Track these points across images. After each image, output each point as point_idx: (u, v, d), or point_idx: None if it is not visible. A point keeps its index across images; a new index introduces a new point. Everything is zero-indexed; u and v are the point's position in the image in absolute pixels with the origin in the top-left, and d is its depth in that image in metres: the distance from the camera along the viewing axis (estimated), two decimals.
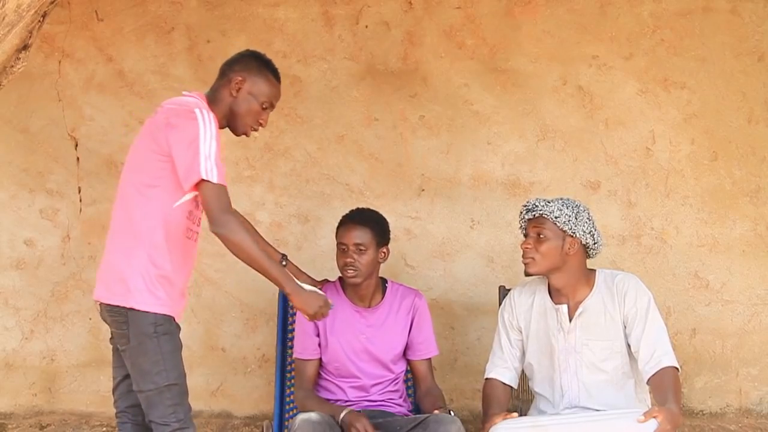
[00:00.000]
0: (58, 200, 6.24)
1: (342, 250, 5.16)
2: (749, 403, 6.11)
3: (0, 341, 6.12)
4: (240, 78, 4.62)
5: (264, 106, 4.66)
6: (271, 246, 5.24)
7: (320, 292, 4.55)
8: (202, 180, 4.30)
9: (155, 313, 4.41)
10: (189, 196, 4.46)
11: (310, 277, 5.30)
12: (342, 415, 4.92)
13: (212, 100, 4.66)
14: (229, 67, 4.68)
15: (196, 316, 6.20)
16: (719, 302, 6.10)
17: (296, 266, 5.28)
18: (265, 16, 6.18)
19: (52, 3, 4.14)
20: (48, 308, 6.24)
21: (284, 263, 5.22)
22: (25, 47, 4.17)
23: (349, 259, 5.12)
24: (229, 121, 4.68)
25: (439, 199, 6.17)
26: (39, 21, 4.15)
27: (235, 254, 4.37)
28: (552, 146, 6.13)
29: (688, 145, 6.10)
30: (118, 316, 4.41)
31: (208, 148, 4.36)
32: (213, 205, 4.34)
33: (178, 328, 4.54)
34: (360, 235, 5.12)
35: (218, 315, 6.21)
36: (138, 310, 4.37)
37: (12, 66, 4.17)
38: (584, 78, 6.13)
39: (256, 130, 4.73)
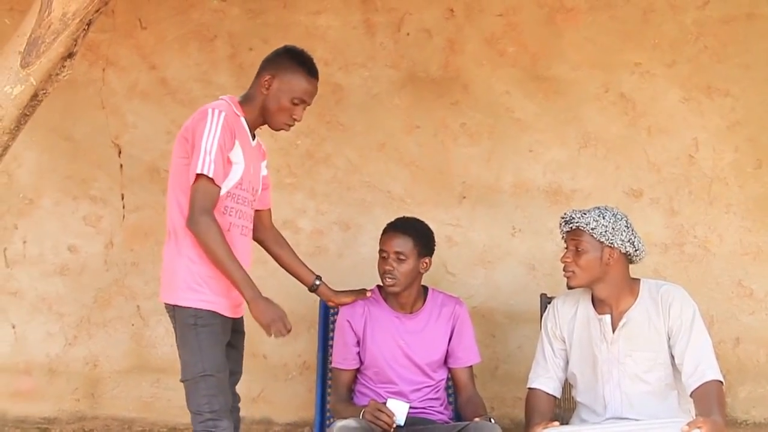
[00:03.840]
0: (102, 207, 6.28)
1: (383, 257, 5.18)
2: None
3: (44, 347, 6.15)
4: (270, 75, 4.71)
5: (295, 102, 4.73)
6: (306, 266, 5.25)
7: (279, 307, 4.55)
8: (198, 175, 4.42)
9: (196, 308, 4.51)
10: (222, 192, 4.56)
11: (349, 291, 5.30)
12: (362, 413, 4.97)
13: (247, 98, 4.78)
14: (263, 65, 4.79)
15: None
16: (763, 311, 6.08)
17: (328, 287, 5.26)
18: (306, 24, 6.20)
19: (96, 12, 4.16)
20: (91, 314, 6.27)
21: (318, 283, 5.23)
22: (70, 55, 4.19)
23: (388, 267, 5.15)
24: (264, 118, 4.78)
25: (481, 207, 6.17)
26: (84, 29, 4.17)
27: (205, 254, 4.47)
28: (594, 154, 6.12)
29: (732, 153, 6.07)
30: (169, 312, 4.61)
31: (210, 144, 4.47)
32: (195, 202, 4.47)
33: (233, 321, 4.70)
34: (401, 244, 5.13)
35: None
36: (181, 306, 4.52)
37: (57, 74, 4.19)
38: (626, 85, 6.12)
39: (291, 125, 4.81)
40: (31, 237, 6.23)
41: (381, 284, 5.28)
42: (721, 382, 4.80)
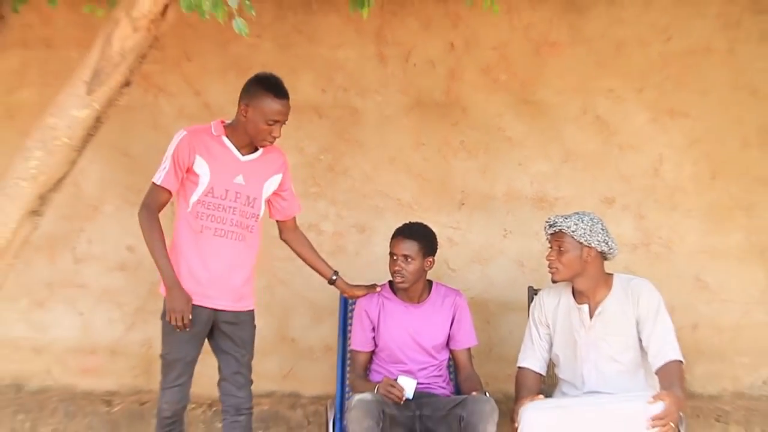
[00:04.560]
0: None
1: (393, 259, 5.20)
2: (742, 388, 6.09)
3: (107, 332, 6.17)
4: (245, 104, 4.79)
5: (269, 123, 4.78)
6: (326, 263, 5.27)
7: (188, 303, 4.68)
8: (152, 181, 4.77)
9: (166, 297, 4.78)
10: (193, 199, 4.79)
11: (362, 285, 5.32)
12: (376, 388, 5.01)
13: (233, 123, 4.88)
14: (240, 95, 4.84)
15: (270, 311, 6.21)
16: (717, 301, 6.08)
17: (344, 281, 5.28)
18: (328, 56, 6.19)
19: (149, 46, 4.17)
20: (146, 304, 6.27)
21: (335, 278, 5.25)
22: (127, 83, 4.20)
23: (397, 267, 5.19)
24: (249, 138, 4.84)
25: (477, 212, 6.16)
26: (139, 61, 4.19)
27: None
28: (574, 167, 6.12)
29: (691, 166, 6.07)
30: None
31: (166, 159, 4.76)
32: (144, 200, 4.80)
33: (220, 313, 4.88)
34: (408, 247, 5.16)
35: (289, 310, 6.25)
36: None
37: (116, 99, 4.20)
38: (601, 108, 6.11)
39: (271, 142, 4.87)
40: (95, 238, 6.23)
41: (391, 280, 5.31)
42: (681, 362, 4.84)
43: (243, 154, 4.89)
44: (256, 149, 4.92)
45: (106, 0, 4.29)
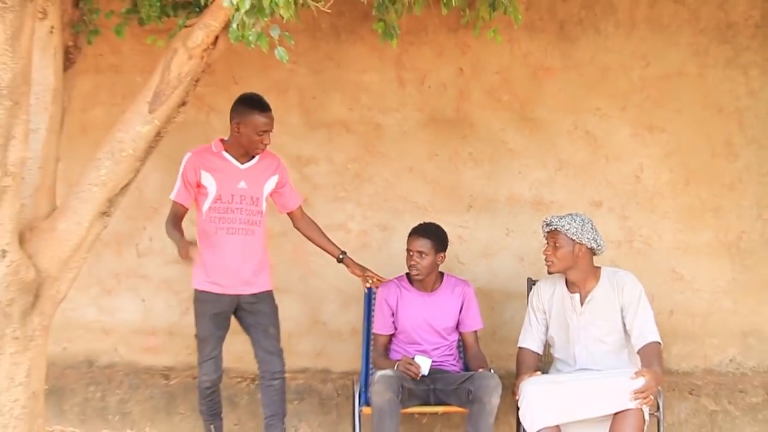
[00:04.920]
0: None
1: (409, 254, 5.21)
2: (711, 365, 6.04)
3: (165, 315, 6.18)
4: (236, 123, 5.03)
5: (259, 134, 4.99)
6: (333, 243, 5.44)
7: (191, 247, 4.83)
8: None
9: (194, 288, 5.08)
10: (205, 207, 5.02)
11: (365, 268, 5.45)
12: (396, 366, 5.04)
13: (230, 139, 5.10)
14: (230, 114, 5.06)
15: (304, 299, 6.23)
16: (690, 291, 6.03)
17: (353, 260, 5.43)
18: (354, 80, 6.18)
19: (202, 71, 4.17)
20: None
21: (342, 257, 5.40)
22: (183, 103, 4.20)
23: (413, 262, 5.21)
24: (245, 149, 5.04)
25: (483, 214, 6.13)
26: (193, 84, 4.18)
27: None
28: (566, 174, 6.08)
29: (668, 174, 6.02)
30: None
31: (178, 179, 5.05)
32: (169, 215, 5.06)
33: (239, 298, 5.07)
34: (422, 244, 5.17)
35: (320, 298, 6.23)
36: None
37: (174, 117, 4.20)
38: (590, 124, 6.07)
39: (263, 149, 5.06)
40: (155, 235, 6.23)
41: (408, 272, 5.31)
42: (660, 343, 4.88)
43: (242, 163, 5.07)
44: (253, 157, 5.09)
45: (166, 32, 4.29)
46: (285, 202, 5.31)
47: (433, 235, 5.23)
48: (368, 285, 5.46)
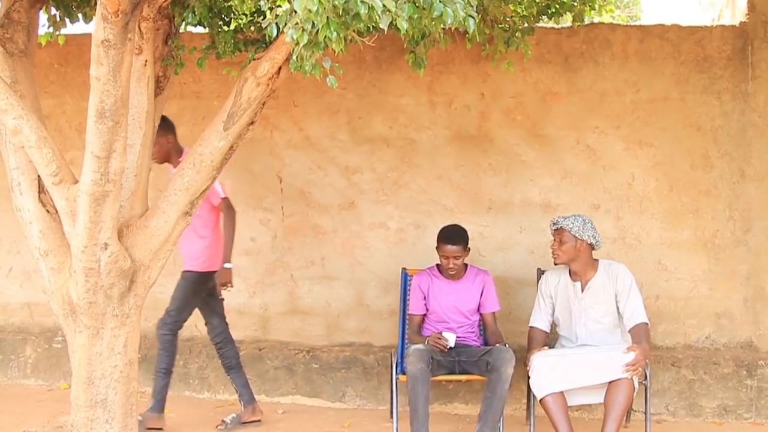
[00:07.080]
0: (270, 214, 6.32)
1: (445, 258, 5.24)
2: (690, 342, 5.96)
3: (235, 297, 6.15)
4: (165, 136, 5.19)
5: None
6: (229, 248, 5.36)
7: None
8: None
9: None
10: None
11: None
12: (426, 340, 5.06)
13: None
14: (157, 133, 4.72)
15: (352, 284, 6.24)
16: (673, 279, 5.97)
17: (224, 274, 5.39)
18: (393, 102, 6.19)
19: (268, 96, 4.18)
20: (263, 278, 6.32)
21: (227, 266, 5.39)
22: (251, 123, 4.21)
23: (450, 265, 5.22)
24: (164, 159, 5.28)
25: (500, 215, 6.10)
26: (260, 107, 4.20)
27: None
28: (570, 182, 6.04)
29: (654, 182, 5.97)
30: None
31: None
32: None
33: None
34: (456, 250, 5.20)
35: (364, 284, 6.23)
36: None
37: (244, 134, 4.22)
38: (590, 140, 6.03)
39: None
40: None
41: (438, 264, 5.32)
42: (647, 323, 4.90)
43: None
44: None
45: (238, 64, 4.32)
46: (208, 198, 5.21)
47: (461, 239, 5.22)
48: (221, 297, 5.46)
